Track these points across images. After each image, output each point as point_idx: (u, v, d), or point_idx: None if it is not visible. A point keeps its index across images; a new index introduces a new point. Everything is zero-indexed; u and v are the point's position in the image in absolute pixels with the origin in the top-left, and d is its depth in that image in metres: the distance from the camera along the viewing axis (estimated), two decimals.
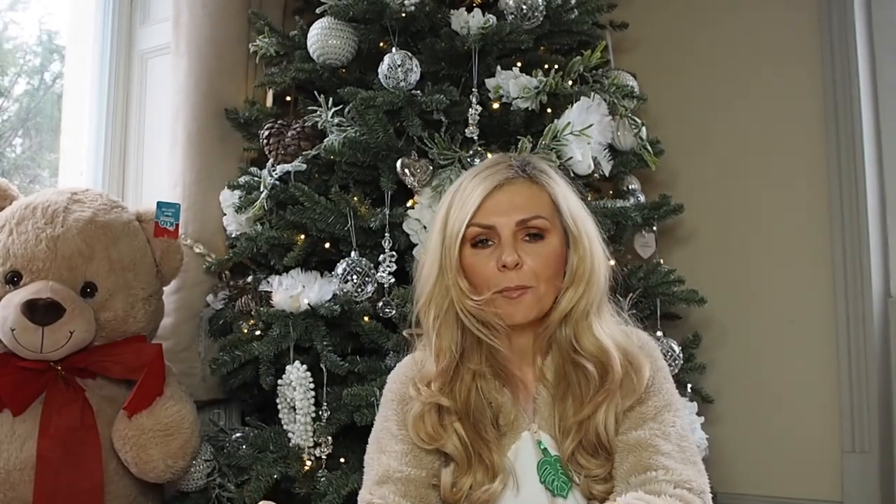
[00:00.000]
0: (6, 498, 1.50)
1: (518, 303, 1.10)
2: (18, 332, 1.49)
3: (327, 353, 1.68)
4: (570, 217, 1.14)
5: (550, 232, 1.12)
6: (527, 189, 1.14)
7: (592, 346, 1.11)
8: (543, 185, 1.15)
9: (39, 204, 1.62)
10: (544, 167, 1.18)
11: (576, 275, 1.12)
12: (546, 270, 1.11)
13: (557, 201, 1.14)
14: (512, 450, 1.13)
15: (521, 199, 1.12)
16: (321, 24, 1.86)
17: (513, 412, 1.14)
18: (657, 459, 1.04)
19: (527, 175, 1.15)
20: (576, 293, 1.12)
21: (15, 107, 2.40)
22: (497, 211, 1.11)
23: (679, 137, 2.36)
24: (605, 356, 1.10)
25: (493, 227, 1.11)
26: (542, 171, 1.16)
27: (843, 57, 2.22)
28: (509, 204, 1.12)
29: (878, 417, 2.13)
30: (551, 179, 1.16)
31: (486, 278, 1.11)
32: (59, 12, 2.40)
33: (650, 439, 1.06)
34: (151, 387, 1.59)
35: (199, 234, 1.98)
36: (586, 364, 1.10)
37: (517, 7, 1.80)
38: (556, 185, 1.16)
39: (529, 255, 1.10)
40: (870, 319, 2.15)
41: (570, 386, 1.12)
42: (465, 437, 1.10)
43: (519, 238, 1.11)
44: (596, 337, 1.11)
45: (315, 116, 1.81)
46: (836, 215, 2.22)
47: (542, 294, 1.11)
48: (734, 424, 2.27)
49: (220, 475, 1.73)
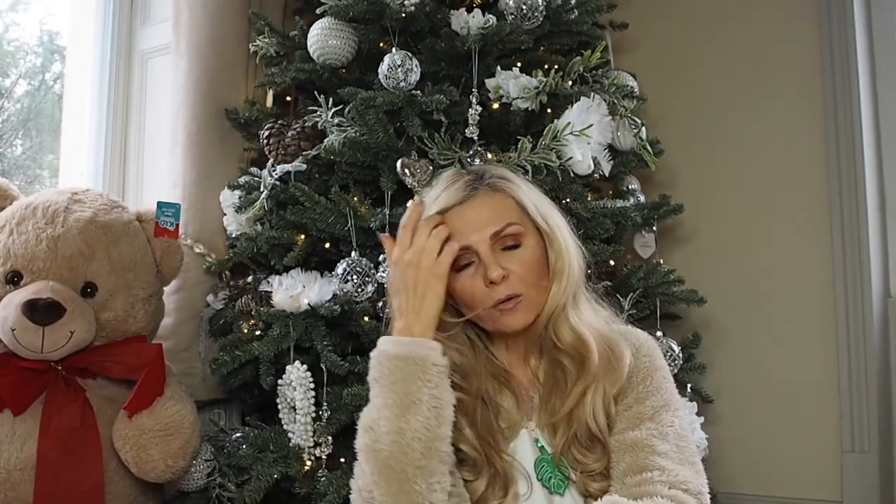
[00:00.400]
0: (6, 498, 1.50)
1: (514, 312, 1.11)
2: (19, 331, 1.49)
3: (327, 353, 1.68)
4: (539, 216, 1.13)
5: (525, 235, 1.12)
6: (490, 199, 1.13)
7: (570, 336, 1.12)
8: (505, 191, 1.14)
9: (40, 204, 1.62)
10: (503, 173, 1.17)
11: (555, 271, 1.13)
12: (531, 275, 1.11)
13: (524, 203, 1.13)
14: (510, 448, 1.13)
15: (487, 211, 1.11)
16: (321, 24, 1.87)
17: (513, 412, 1.15)
18: (653, 460, 1.04)
19: (487, 185, 1.13)
20: (559, 289, 1.12)
21: (16, 107, 2.40)
22: (467, 229, 1.10)
23: (679, 137, 2.37)
24: (583, 345, 1.11)
25: (468, 247, 1.10)
26: (501, 178, 1.15)
27: (843, 56, 2.22)
28: (478, 219, 1.11)
29: (877, 417, 2.14)
30: (511, 183, 1.15)
31: (477, 297, 1.11)
32: (60, 13, 2.40)
33: (647, 439, 1.06)
34: (152, 387, 1.59)
35: (200, 234, 1.98)
36: (563, 359, 1.12)
37: (517, 7, 1.80)
38: (518, 187, 1.15)
39: (512, 263, 1.10)
40: (870, 319, 2.15)
41: (557, 382, 1.13)
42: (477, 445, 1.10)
43: (497, 249, 1.11)
44: (572, 327, 1.12)
45: (315, 116, 1.81)
46: (836, 215, 2.22)
47: (534, 298, 1.12)
48: (734, 424, 2.27)
49: (221, 475, 1.73)
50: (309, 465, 1.66)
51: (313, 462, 1.67)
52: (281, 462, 1.67)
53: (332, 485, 1.60)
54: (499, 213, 1.12)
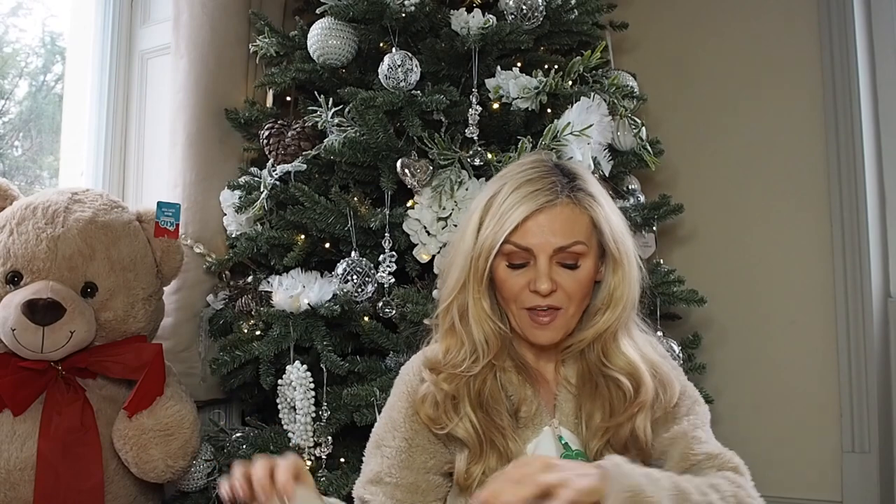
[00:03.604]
0: (6, 498, 1.50)
1: (546, 328, 1.11)
2: (19, 331, 1.49)
3: (327, 353, 1.68)
4: (611, 240, 1.11)
5: (587, 256, 1.10)
6: (568, 212, 1.09)
7: (623, 362, 1.12)
8: (586, 208, 1.10)
9: (40, 204, 1.62)
10: (591, 188, 1.13)
11: (613, 297, 1.12)
12: (579, 293, 1.11)
13: (600, 225, 1.11)
14: (532, 443, 1.13)
15: (560, 223, 1.08)
16: (321, 24, 1.87)
17: (534, 405, 1.15)
18: (700, 447, 1.09)
19: (570, 197, 1.10)
20: (613, 314, 1.12)
21: (17, 109, 2.40)
22: (536, 233, 1.08)
23: (679, 137, 2.37)
24: (636, 372, 1.12)
25: (529, 250, 1.09)
26: (589, 194, 1.11)
27: (843, 56, 2.22)
28: (549, 228, 1.08)
29: (877, 417, 2.13)
30: (594, 201, 1.11)
31: (516, 294, 1.11)
32: (63, 14, 2.40)
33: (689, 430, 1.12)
34: (152, 387, 1.59)
35: (200, 234, 1.98)
36: (619, 377, 1.12)
37: (517, 7, 1.80)
38: (600, 206, 1.11)
39: (563, 279, 1.09)
40: (870, 319, 2.15)
41: (599, 388, 1.14)
42: (477, 424, 1.10)
43: (554, 263, 1.09)
44: (625, 354, 1.12)
45: (315, 116, 1.81)
46: (836, 215, 2.22)
47: (571, 316, 1.12)
48: (734, 424, 2.26)
49: (221, 475, 1.73)
50: (309, 465, 1.66)
51: (313, 462, 1.67)
52: None
53: (332, 485, 1.60)
54: (572, 228, 1.09)
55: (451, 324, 1.14)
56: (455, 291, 1.13)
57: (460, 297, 1.13)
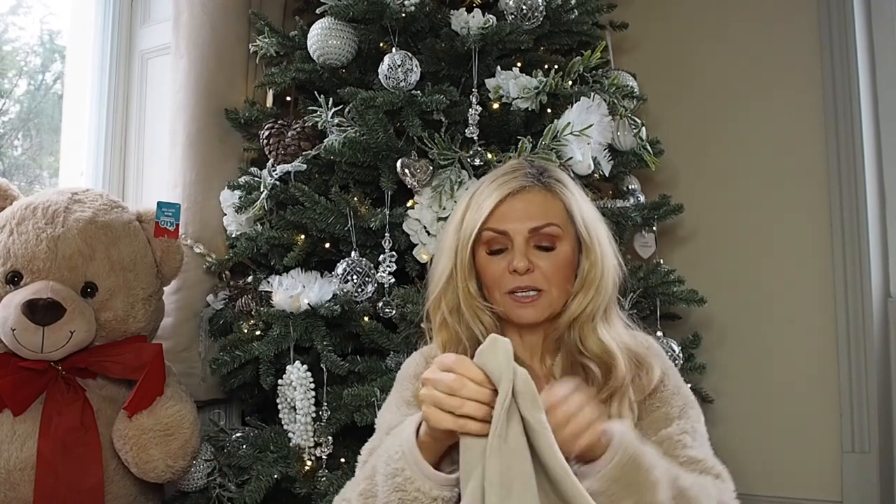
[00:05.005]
0: (6, 498, 1.50)
1: (528, 306, 1.14)
2: (19, 331, 1.49)
3: (327, 353, 1.68)
4: (582, 225, 1.16)
5: (562, 239, 1.15)
6: (541, 197, 1.16)
7: (597, 347, 1.14)
8: (557, 194, 1.17)
9: (40, 204, 1.62)
10: (560, 176, 1.20)
11: (586, 280, 1.15)
12: (557, 275, 1.14)
13: (571, 210, 1.16)
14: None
15: (535, 207, 1.15)
16: (321, 24, 1.86)
17: None
18: (685, 452, 1.09)
19: (542, 183, 1.17)
20: (585, 298, 1.15)
21: (16, 108, 2.40)
22: (511, 217, 1.14)
23: (679, 137, 2.37)
24: (609, 357, 1.13)
25: (506, 233, 1.14)
26: (558, 181, 1.19)
27: (843, 56, 2.22)
28: (524, 211, 1.14)
29: (877, 417, 2.14)
30: (566, 188, 1.18)
31: (497, 279, 1.15)
32: (61, 12, 2.40)
33: (677, 435, 1.11)
34: (152, 387, 1.59)
35: (200, 234, 1.98)
36: (589, 364, 1.14)
37: (517, 7, 1.80)
38: (571, 193, 1.18)
39: (540, 261, 1.14)
40: (870, 319, 2.15)
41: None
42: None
43: (531, 245, 1.14)
44: (600, 339, 1.14)
45: (315, 116, 1.81)
46: (836, 215, 2.22)
47: (554, 298, 1.15)
48: (734, 424, 2.27)
49: (221, 475, 1.73)
50: (309, 465, 1.66)
51: (313, 462, 1.67)
52: (281, 462, 1.68)
53: (332, 485, 1.60)
54: (545, 211, 1.15)
55: (442, 319, 1.18)
56: (442, 283, 1.18)
57: (448, 291, 1.17)
